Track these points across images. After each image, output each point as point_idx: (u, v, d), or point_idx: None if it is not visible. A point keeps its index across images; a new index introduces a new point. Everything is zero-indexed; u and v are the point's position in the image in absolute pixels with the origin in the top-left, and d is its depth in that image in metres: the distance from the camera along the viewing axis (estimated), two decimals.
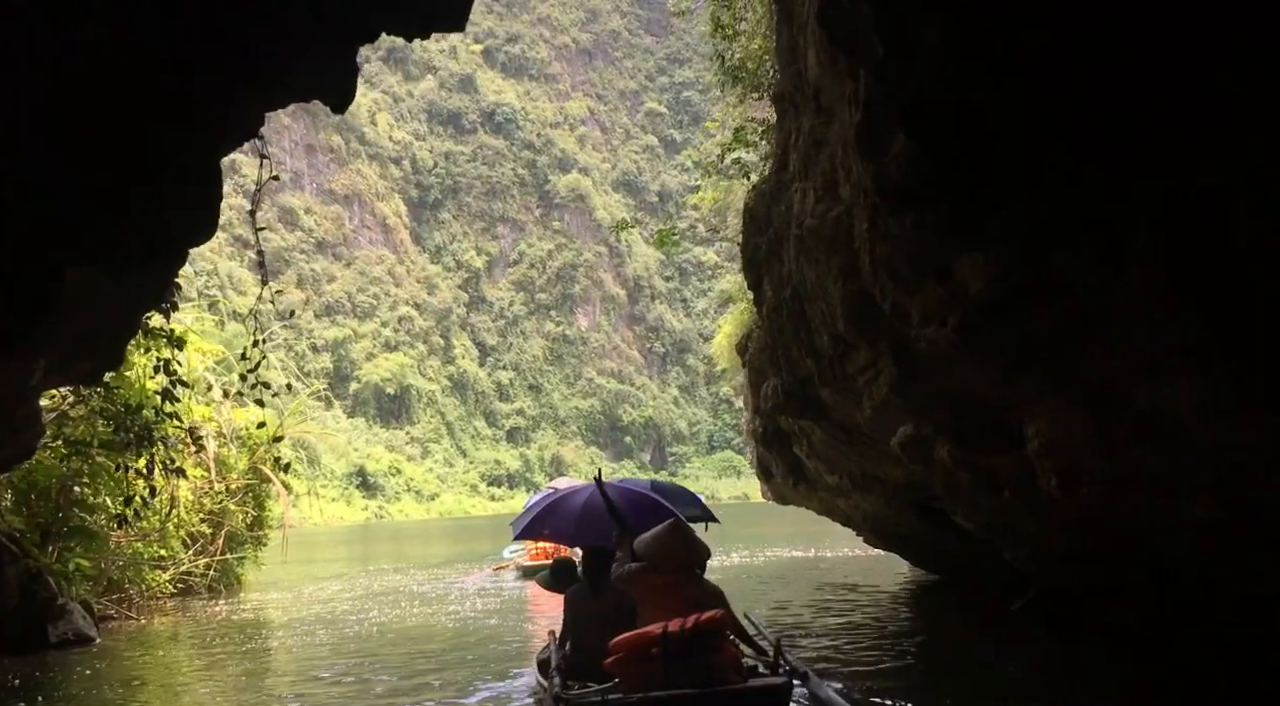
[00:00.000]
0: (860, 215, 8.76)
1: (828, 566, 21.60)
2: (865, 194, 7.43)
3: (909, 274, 7.55)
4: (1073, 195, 5.56)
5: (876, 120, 6.54)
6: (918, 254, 7.05)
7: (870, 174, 6.75)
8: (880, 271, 8.24)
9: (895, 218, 6.78)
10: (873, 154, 6.63)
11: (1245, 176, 4.87)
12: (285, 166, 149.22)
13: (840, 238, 9.44)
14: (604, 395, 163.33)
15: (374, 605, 17.91)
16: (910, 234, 6.71)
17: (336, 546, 52.40)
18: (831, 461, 12.99)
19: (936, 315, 7.65)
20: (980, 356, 7.59)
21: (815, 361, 11.01)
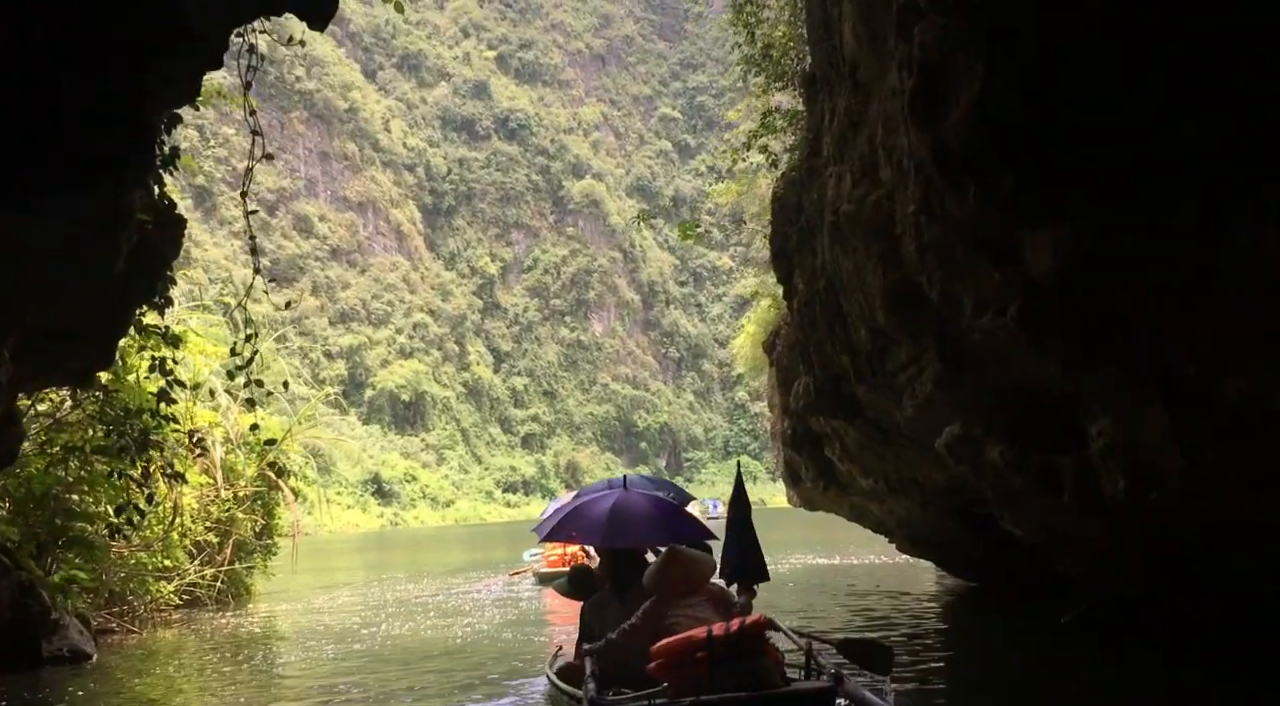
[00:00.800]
0: (904, 198, 8.11)
1: (856, 573, 20.87)
2: (917, 169, 6.76)
3: (964, 257, 6.88)
4: (1166, 148, 4.88)
5: (935, 83, 5.87)
6: (976, 233, 6.37)
7: (926, 144, 6.08)
8: (929, 257, 7.58)
9: (953, 192, 6.11)
10: (929, 122, 5.97)
11: None
12: (300, 174, 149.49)
13: (880, 223, 8.80)
14: (619, 401, 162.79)
15: (386, 617, 17.27)
16: (970, 209, 6.02)
17: (350, 554, 51.88)
18: (865, 464, 12.29)
19: (994, 302, 6.97)
20: (1042, 346, 6.91)
21: (851, 358, 10.35)
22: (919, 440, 10.53)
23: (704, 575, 7.15)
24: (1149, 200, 5.14)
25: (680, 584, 6.89)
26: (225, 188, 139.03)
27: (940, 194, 6.39)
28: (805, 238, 10.74)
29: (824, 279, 10.31)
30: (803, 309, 11.07)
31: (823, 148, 10.40)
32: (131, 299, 8.11)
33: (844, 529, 17.99)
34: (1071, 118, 5.06)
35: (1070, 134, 5.11)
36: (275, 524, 20.94)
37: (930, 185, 6.55)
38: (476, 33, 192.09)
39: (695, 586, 6.95)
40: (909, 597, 16.06)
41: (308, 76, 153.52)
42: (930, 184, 6.54)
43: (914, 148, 6.54)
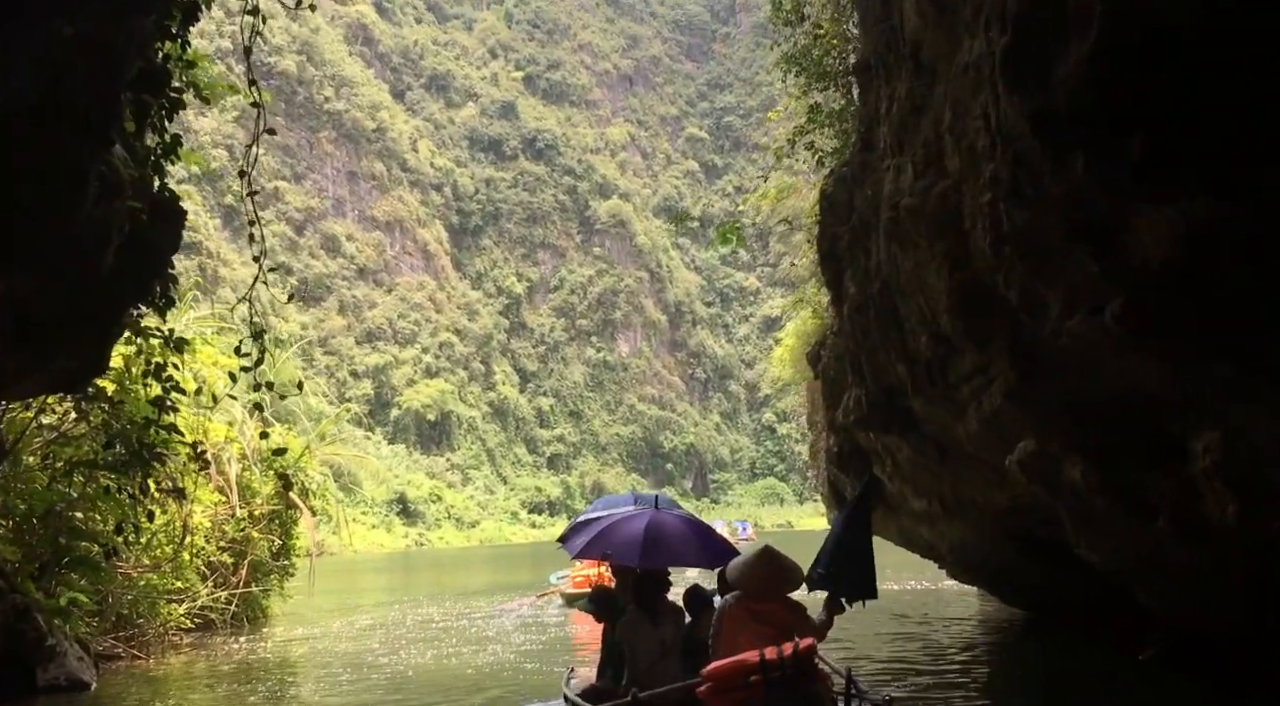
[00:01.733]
0: (975, 187, 7.31)
1: (900, 600, 19.89)
2: (1004, 145, 5.91)
3: (1056, 247, 6.03)
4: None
5: (1033, 38, 5.06)
6: (1077, 214, 5.51)
7: (1022, 110, 5.25)
8: (1008, 251, 6.73)
9: (1054, 166, 5.27)
10: (1027, 84, 5.14)
11: None
12: (328, 193, 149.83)
13: (946, 218, 7.97)
14: (645, 421, 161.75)
15: (407, 642, 16.47)
16: (1074, 185, 5.18)
17: (375, 574, 51.17)
18: (919, 483, 11.41)
19: (1089, 299, 6.12)
20: (1144, 348, 6.06)
21: (908, 367, 9.50)
22: (982, 458, 9.66)
23: (796, 582, 6.83)
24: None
25: (770, 585, 6.64)
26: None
27: (1035, 170, 5.55)
28: (858, 237, 9.92)
29: (879, 281, 9.48)
30: (854, 315, 10.24)
31: (878, 140, 9.60)
32: (123, 296, 7.38)
33: (882, 552, 17.03)
34: (1213, 65, 4.24)
35: (1212, 85, 4.28)
36: (293, 544, 20.17)
37: (1021, 162, 5.72)
38: (504, 53, 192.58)
39: (785, 593, 6.72)
40: (960, 626, 15.16)
41: (336, 97, 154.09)
42: (1022, 161, 5.70)
43: (1003, 119, 5.71)
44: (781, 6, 15.46)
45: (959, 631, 14.61)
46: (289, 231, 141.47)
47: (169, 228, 7.66)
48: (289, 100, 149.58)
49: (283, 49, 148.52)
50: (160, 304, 8.41)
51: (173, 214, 7.71)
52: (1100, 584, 10.09)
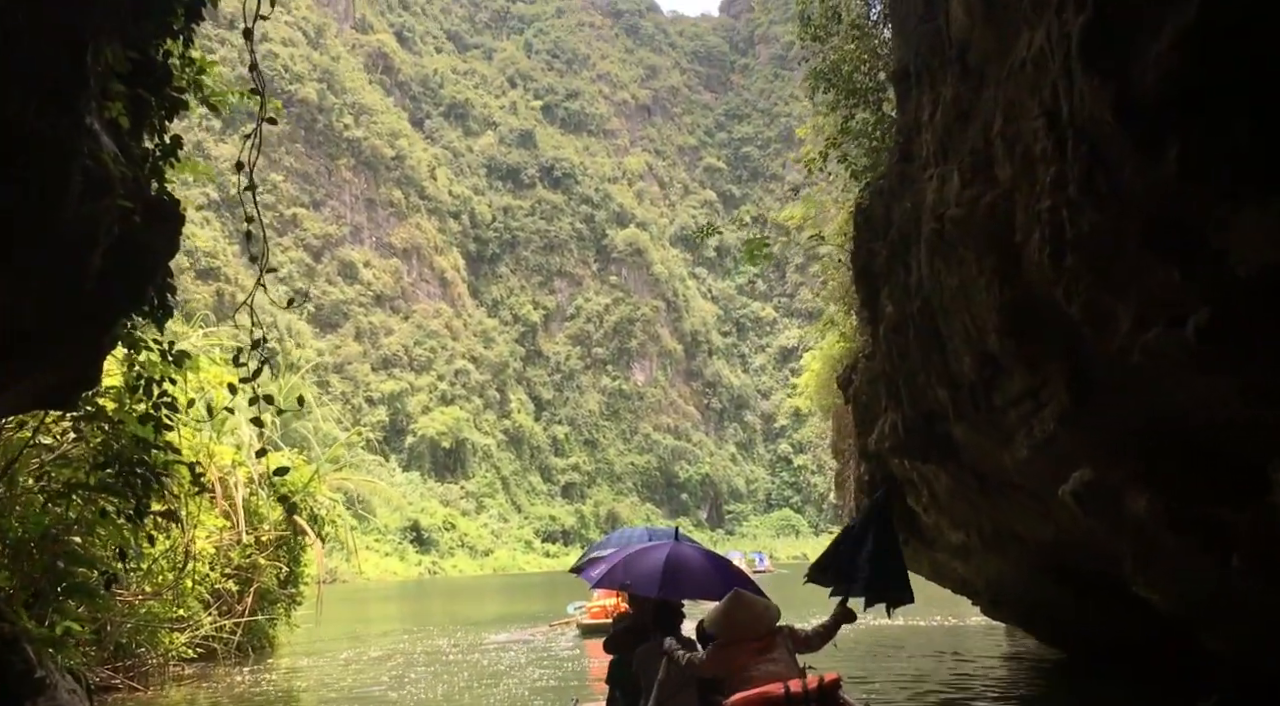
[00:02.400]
0: (1028, 196, 6.81)
1: (927, 636, 19.20)
2: (1078, 138, 5.36)
3: (1131, 251, 5.47)
4: None
5: (1118, 13, 4.52)
6: (1161, 214, 4.96)
7: (1107, 95, 4.70)
8: (1072, 260, 6.17)
9: (1139, 158, 4.71)
10: (1113, 62, 4.60)
11: None
12: (346, 220, 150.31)
13: (996, 229, 7.43)
14: (660, 451, 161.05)
15: (416, 676, 15.86)
16: (1162, 179, 4.63)
17: (386, 603, 50.50)
18: (957, 515, 10.79)
19: (1167, 310, 5.55)
20: (1231, 367, 5.48)
21: (950, 390, 8.92)
22: (1030, 488, 9.06)
23: (770, 620, 6.78)
24: None
25: (746, 628, 6.64)
26: (272, 233, 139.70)
27: (1115, 164, 5.00)
28: (896, 252, 9.36)
29: (919, 299, 8.92)
30: (891, 335, 9.67)
31: (918, 150, 9.07)
32: (114, 303, 6.86)
33: None
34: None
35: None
36: (301, 571, 19.60)
37: (1097, 156, 5.16)
38: (523, 82, 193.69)
39: (763, 633, 6.66)
40: (991, 663, 14.47)
41: (355, 124, 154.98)
42: (1098, 154, 5.14)
43: (1076, 109, 5.16)
44: (810, 22, 14.99)
45: (989, 669, 13.93)
46: (307, 258, 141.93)
47: (165, 230, 7.14)
48: (309, 127, 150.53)
49: (303, 77, 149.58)
50: (157, 314, 7.88)
51: (170, 216, 7.20)
52: (1154, 624, 9.45)
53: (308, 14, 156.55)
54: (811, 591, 8.08)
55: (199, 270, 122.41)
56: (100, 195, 5.91)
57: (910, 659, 15.72)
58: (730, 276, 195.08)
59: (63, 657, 11.56)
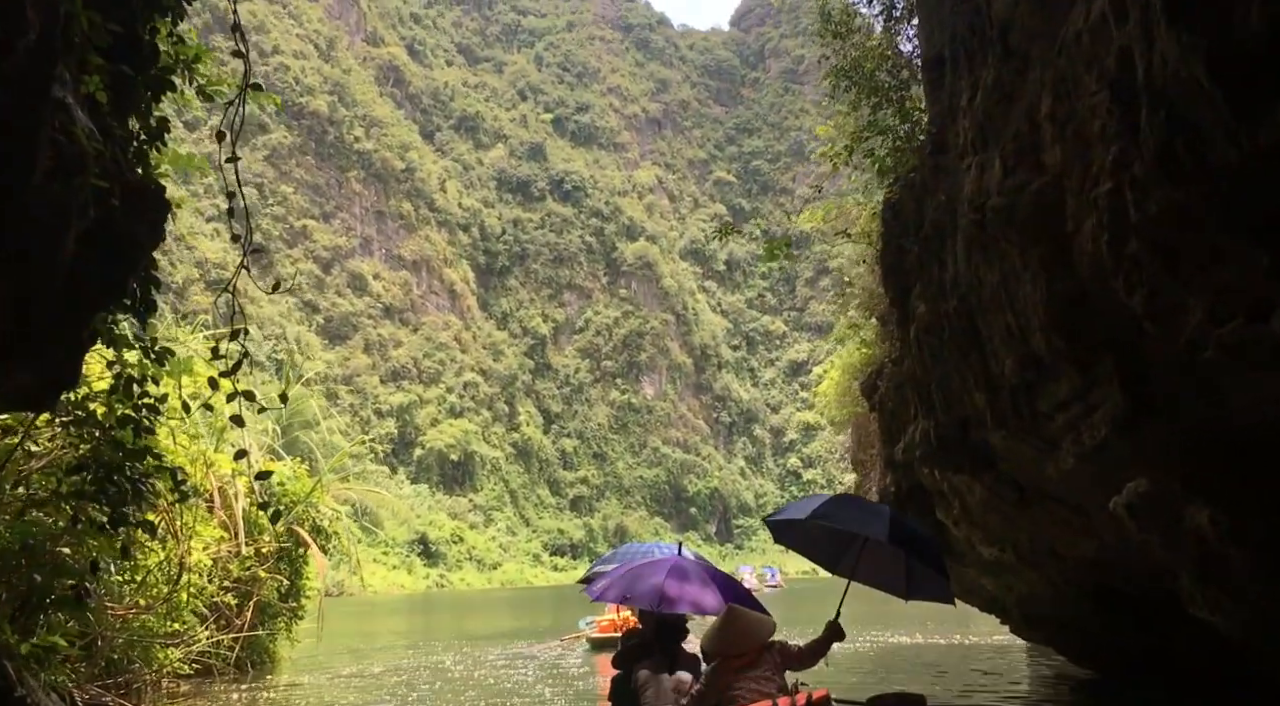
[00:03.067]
0: (1080, 181, 6.28)
1: (947, 654, 18.55)
2: (1153, 106, 4.80)
3: (1208, 233, 4.91)
4: None
5: None
6: (1248, 190, 4.40)
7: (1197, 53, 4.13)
8: (1134, 246, 5.62)
9: (1240, 120, 4.15)
10: (1207, 13, 4.05)
11: None
12: (355, 232, 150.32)
13: (1043, 218, 6.90)
14: (669, 465, 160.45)
15: (421, 695, 15.27)
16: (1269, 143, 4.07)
17: (393, 617, 49.88)
18: (991, 529, 10.20)
19: (1249, 301, 5.00)
20: None
21: (988, 395, 8.35)
22: (1074, 501, 8.49)
23: (764, 635, 6.76)
24: None
25: (741, 643, 6.63)
26: (282, 245, 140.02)
27: (1202, 135, 4.44)
28: (930, 249, 8.81)
29: (955, 298, 8.36)
30: (923, 337, 9.11)
31: (953, 138, 8.53)
32: (92, 295, 6.33)
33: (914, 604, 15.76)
34: None
35: None
36: (303, 584, 19.02)
37: (1180, 128, 4.59)
38: (534, 96, 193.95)
39: (756, 649, 6.65)
40: (1027, 682, 13.84)
41: (366, 137, 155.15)
42: (1180, 125, 4.58)
43: (1156, 71, 4.60)
44: (830, 18, 14.49)
45: (1027, 689, 13.30)
46: (316, 270, 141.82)
47: (149, 217, 6.61)
48: (319, 140, 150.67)
49: (314, 89, 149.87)
50: (140, 309, 7.36)
51: (154, 203, 6.67)
52: (1202, 645, 8.86)
53: (319, 27, 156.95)
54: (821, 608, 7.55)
55: (209, 281, 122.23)
56: (72, 173, 5.39)
57: (942, 675, 15.10)
58: (740, 290, 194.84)
59: (47, 674, 11.02)
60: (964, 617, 22.37)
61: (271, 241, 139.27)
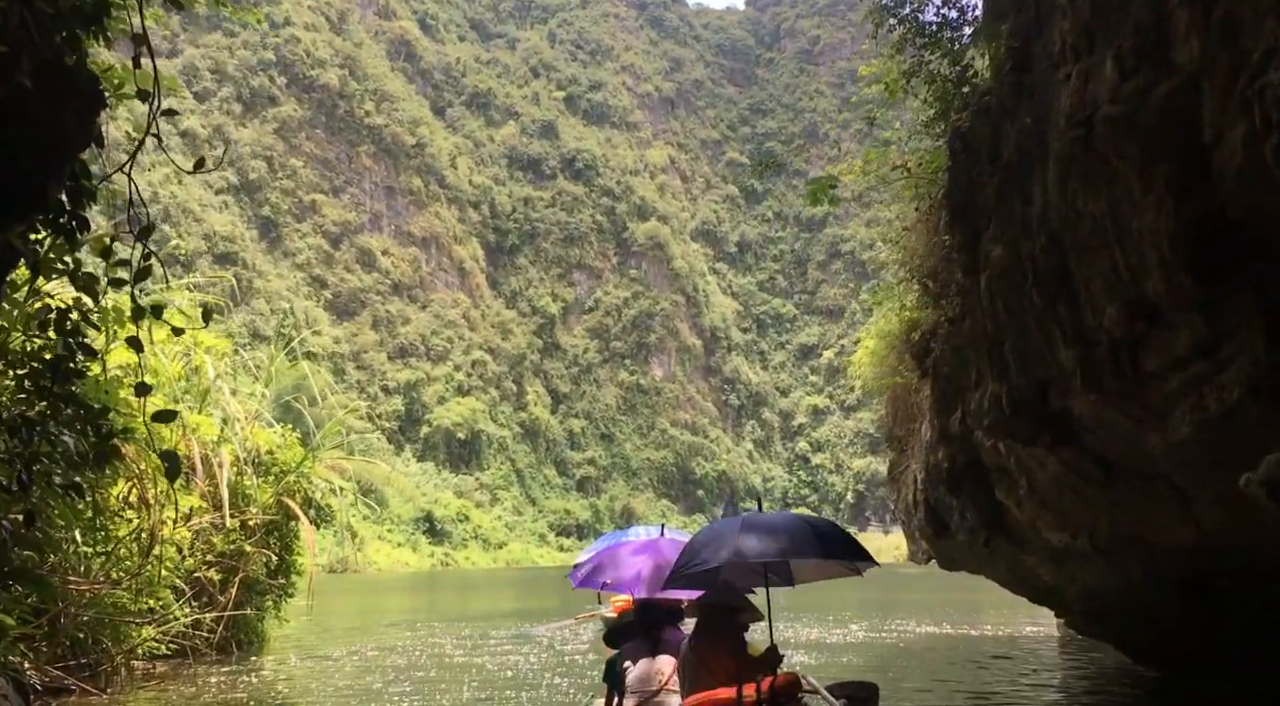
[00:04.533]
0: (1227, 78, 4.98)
1: (994, 647, 17.31)
2: None
3: None
4: None
5: None
6: None
7: None
8: None
9: None
10: None
11: None
12: (365, 207, 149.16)
13: (1171, 128, 5.61)
14: (677, 447, 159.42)
15: (416, 680, 14.08)
16: None
17: (396, 594, 48.86)
18: (1064, 511, 8.91)
19: None
20: None
21: (1079, 351, 7.07)
22: (1177, 479, 7.22)
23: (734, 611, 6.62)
24: None
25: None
26: (290, 219, 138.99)
27: None
28: (1011, 180, 7.51)
29: (1043, 236, 7.07)
30: (997, 285, 7.80)
31: (1043, 49, 7.22)
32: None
33: (940, 590, 14.60)
34: None
35: None
36: (294, 560, 17.79)
37: None
38: (546, 73, 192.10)
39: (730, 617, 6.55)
40: (1084, 680, 12.61)
41: (376, 111, 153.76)
42: None
43: None
44: None
45: (1086, 687, 12.09)
46: (325, 245, 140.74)
47: (77, 109, 5.36)
48: (329, 113, 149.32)
49: (325, 63, 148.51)
50: (68, 226, 6.07)
51: (83, 91, 5.41)
52: None
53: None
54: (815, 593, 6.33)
55: (216, 255, 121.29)
56: None
57: (983, 669, 13.91)
58: (751, 272, 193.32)
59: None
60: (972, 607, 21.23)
61: (280, 215, 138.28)
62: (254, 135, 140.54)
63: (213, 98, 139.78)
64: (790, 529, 6.40)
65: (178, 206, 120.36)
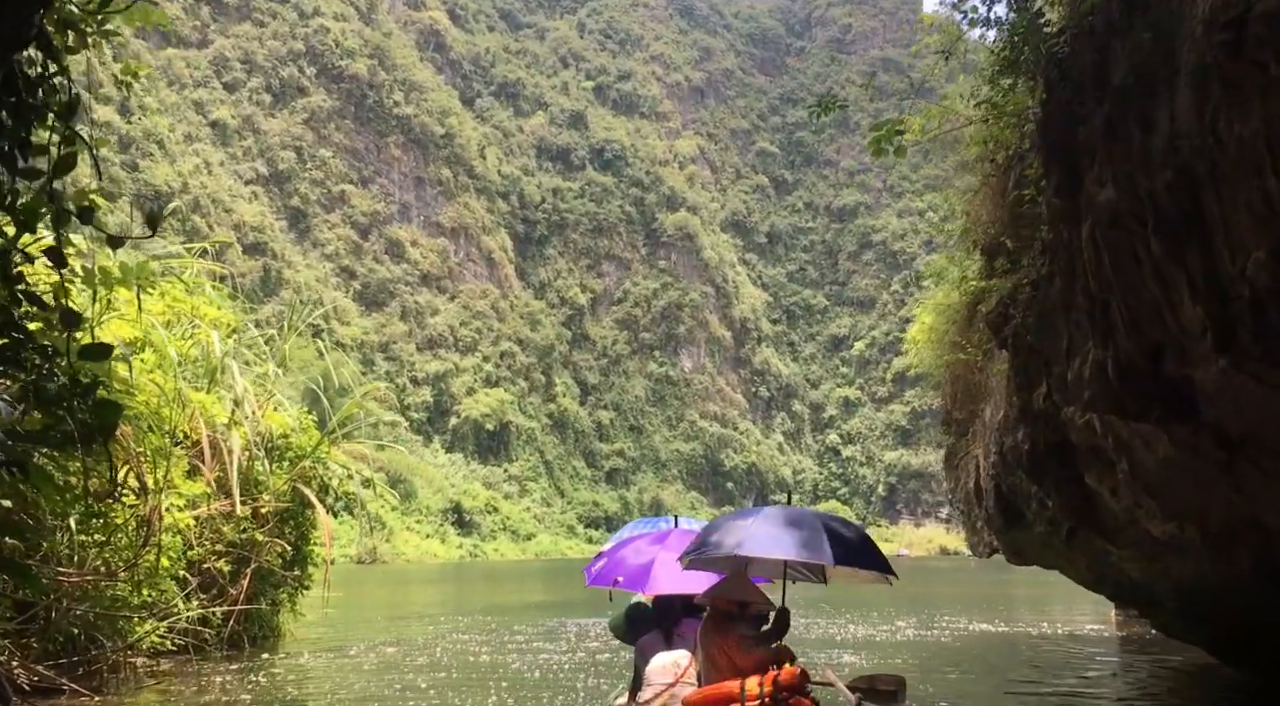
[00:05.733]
0: None
1: (1059, 647, 16.17)
2: None
3: None
4: None
5: None
6: None
7: None
8: None
9: None
10: None
11: None
12: (394, 198, 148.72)
13: None
14: (706, 439, 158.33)
15: (437, 685, 13.07)
16: None
17: (423, 586, 47.98)
18: (1172, 498, 7.76)
19: None
20: None
21: (1210, 307, 5.94)
22: None
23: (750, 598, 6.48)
24: None
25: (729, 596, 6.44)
26: (319, 210, 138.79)
27: None
28: (1124, 109, 6.38)
29: (1170, 169, 5.94)
30: (1106, 233, 6.67)
31: None
32: None
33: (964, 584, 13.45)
34: None
35: None
36: (309, 550, 16.82)
37: None
38: (575, 63, 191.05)
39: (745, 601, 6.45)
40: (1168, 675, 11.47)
41: (405, 102, 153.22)
42: None
43: None
44: None
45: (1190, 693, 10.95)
46: (354, 235, 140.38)
47: None
48: (359, 104, 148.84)
49: (354, 52, 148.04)
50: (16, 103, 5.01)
51: None
52: None
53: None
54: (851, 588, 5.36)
55: (246, 245, 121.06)
56: None
57: (1048, 666, 12.77)
58: (781, 263, 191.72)
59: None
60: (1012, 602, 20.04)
61: (309, 206, 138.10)
62: (283, 125, 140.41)
63: (242, 88, 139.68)
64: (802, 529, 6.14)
65: (208, 197, 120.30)
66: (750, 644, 6.18)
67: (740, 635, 6.22)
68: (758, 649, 6.15)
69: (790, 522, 6.22)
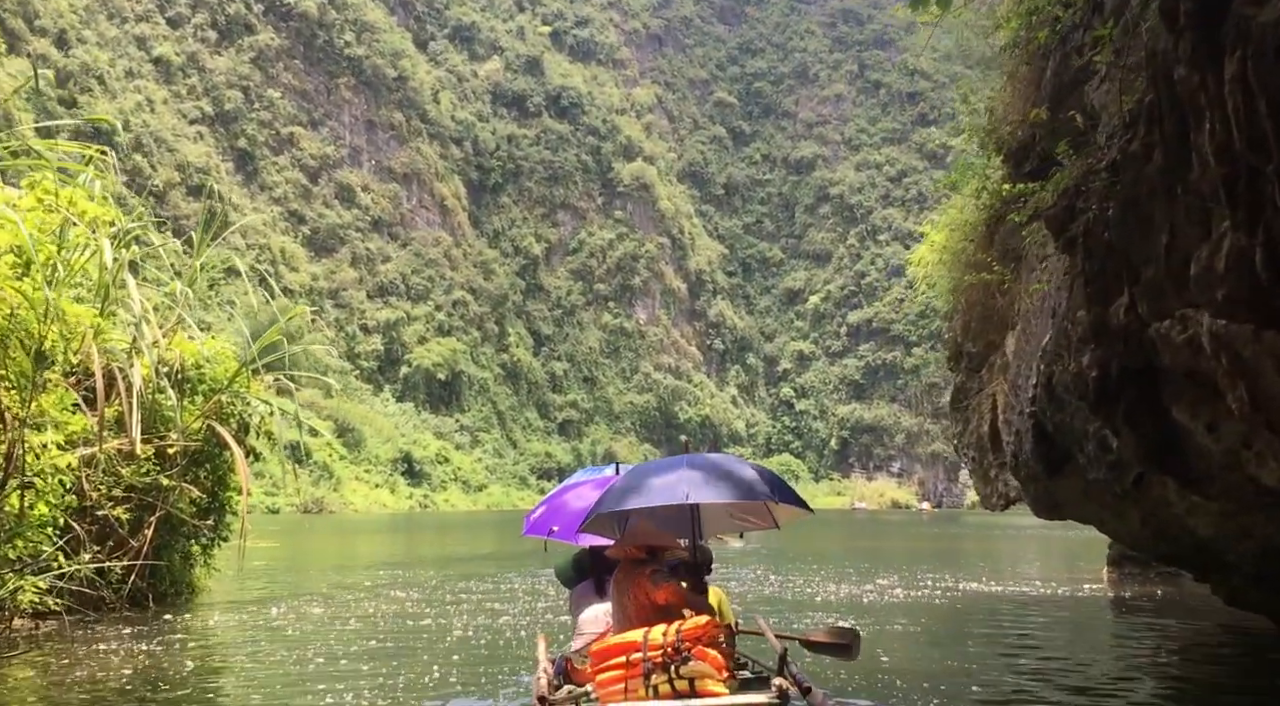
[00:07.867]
0: None
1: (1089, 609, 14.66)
2: None
3: None
4: None
5: None
6: None
7: None
8: None
9: None
10: None
11: None
12: (344, 142, 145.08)
13: None
14: (660, 391, 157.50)
15: (366, 655, 11.23)
16: None
17: (372, 536, 46.09)
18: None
19: None
20: None
21: None
22: None
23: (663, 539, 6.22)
24: None
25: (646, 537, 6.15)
26: (268, 152, 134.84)
27: None
28: None
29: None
30: (1262, 69, 4.88)
31: None
32: None
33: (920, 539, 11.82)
34: None
35: None
36: (227, 496, 14.82)
37: None
38: (532, 7, 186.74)
39: (661, 545, 6.18)
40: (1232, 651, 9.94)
41: (357, 42, 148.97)
42: None
43: None
44: None
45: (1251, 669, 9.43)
46: (303, 179, 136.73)
47: None
48: (308, 43, 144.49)
49: None
50: None
51: None
52: None
53: None
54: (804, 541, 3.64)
55: (190, 187, 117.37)
56: None
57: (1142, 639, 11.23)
58: (738, 215, 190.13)
59: None
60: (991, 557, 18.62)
61: (257, 147, 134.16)
62: (229, 63, 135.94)
63: (187, 24, 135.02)
64: (734, 472, 5.94)
65: (150, 135, 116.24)
66: (661, 577, 5.85)
67: (652, 569, 5.88)
68: (668, 582, 5.81)
69: (713, 467, 5.99)
